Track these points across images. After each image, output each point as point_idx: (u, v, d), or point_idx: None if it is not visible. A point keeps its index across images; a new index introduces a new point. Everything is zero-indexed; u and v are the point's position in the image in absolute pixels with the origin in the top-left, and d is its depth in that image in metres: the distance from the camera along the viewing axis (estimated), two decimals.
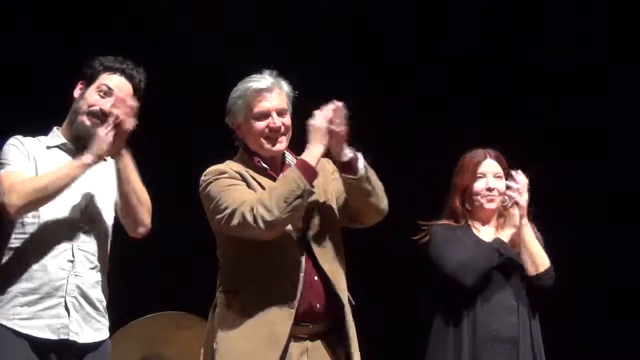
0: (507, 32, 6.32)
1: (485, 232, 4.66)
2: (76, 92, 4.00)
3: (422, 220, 4.68)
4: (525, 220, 4.56)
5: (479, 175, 4.67)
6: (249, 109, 3.93)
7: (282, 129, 3.94)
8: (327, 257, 3.91)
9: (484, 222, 4.70)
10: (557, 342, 4.67)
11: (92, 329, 3.90)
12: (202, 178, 3.93)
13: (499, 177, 4.66)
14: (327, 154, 3.89)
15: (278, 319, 3.79)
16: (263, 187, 3.88)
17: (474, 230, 4.66)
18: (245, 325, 3.80)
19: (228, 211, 3.77)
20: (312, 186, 3.79)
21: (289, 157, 4.02)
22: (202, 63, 5.86)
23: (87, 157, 3.81)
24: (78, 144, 3.94)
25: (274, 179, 3.93)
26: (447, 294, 4.56)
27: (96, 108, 3.92)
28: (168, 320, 4.88)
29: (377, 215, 4.00)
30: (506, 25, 6.34)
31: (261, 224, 3.71)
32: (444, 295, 4.59)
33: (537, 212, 4.65)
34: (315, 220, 3.91)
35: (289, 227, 3.84)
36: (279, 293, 3.81)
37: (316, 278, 3.87)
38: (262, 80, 3.95)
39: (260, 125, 3.93)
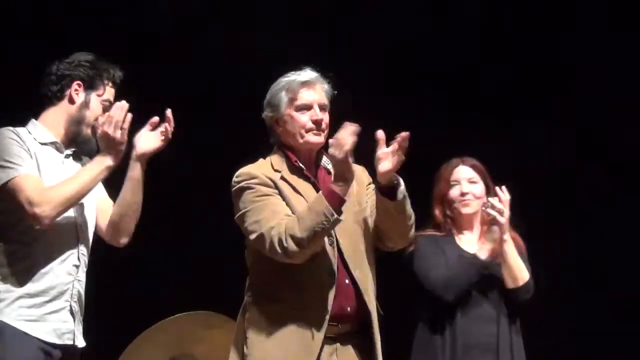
0: None
1: (469, 240, 4.73)
2: (75, 96, 3.93)
3: None
4: (506, 236, 4.58)
5: (453, 182, 4.75)
6: (292, 101, 3.92)
7: (323, 124, 3.94)
8: (358, 263, 3.91)
9: (466, 229, 4.76)
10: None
11: (81, 334, 3.91)
12: (234, 179, 3.93)
13: (473, 182, 4.73)
14: (362, 163, 3.92)
15: (312, 326, 3.79)
16: (296, 191, 3.88)
17: (457, 239, 4.73)
18: (279, 332, 3.80)
19: (257, 233, 3.79)
20: (341, 212, 3.75)
21: (324, 160, 4.00)
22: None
23: (108, 160, 3.80)
24: (72, 148, 3.95)
25: (308, 180, 3.93)
26: (429, 305, 4.63)
27: (98, 123, 3.89)
28: (197, 319, 4.86)
29: (401, 242, 4.01)
30: None
31: (290, 255, 3.74)
32: (426, 306, 4.65)
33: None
34: (348, 228, 3.90)
35: None
36: (312, 299, 3.81)
37: (347, 281, 3.88)
38: (305, 73, 3.96)
39: (303, 117, 3.92)
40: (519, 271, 4.60)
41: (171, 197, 5.44)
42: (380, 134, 3.77)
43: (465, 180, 4.73)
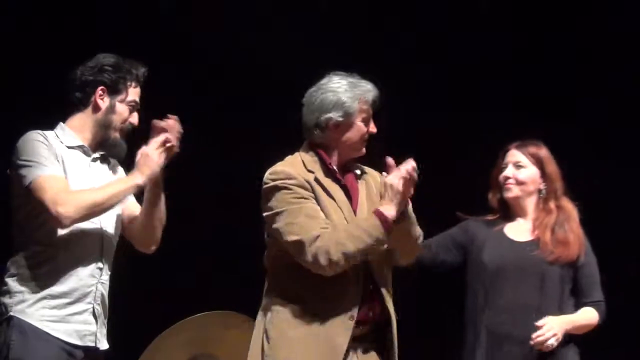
0: None
1: (518, 226, 4.66)
2: (100, 101, 3.93)
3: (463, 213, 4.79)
4: (555, 340, 4.48)
5: (503, 166, 4.72)
6: (363, 112, 3.92)
7: None
8: (380, 269, 3.91)
9: (519, 215, 4.70)
10: None
11: (104, 336, 3.92)
12: (268, 176, 3.87)
13: (520, 166, 4.68)
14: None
15: (338, 330, 3.79)
16: (329, 195, 3.86)
17: (507, 225, 4.67)
18: (304, 336, 3.79)
19: (296, 237, 3.75)
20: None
21: (354, 165, 4.01)
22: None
23: (139, 178, 3.82)
24: (100, 151, 3.96)
25: (339, 182, 3.91)
26: (463, 296, 4.64)
27: (128, 125, 3.95)
28: (216, 319, 4.88)
29: (405, 260, 4.03)
30: None
31: (334, 268, 3.74)
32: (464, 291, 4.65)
33: None
34: None
35: None
36: (338, 303, 3.80)
37: (371, 287, 3.88)
38: (371, 86, 3.96)
39: (365, 128, 3.94)
40: (589, 326, 4.59)
41: (189, 199, 5.42)
42: (390, 161, 3.82)
43: (512, 164, 4.69)
